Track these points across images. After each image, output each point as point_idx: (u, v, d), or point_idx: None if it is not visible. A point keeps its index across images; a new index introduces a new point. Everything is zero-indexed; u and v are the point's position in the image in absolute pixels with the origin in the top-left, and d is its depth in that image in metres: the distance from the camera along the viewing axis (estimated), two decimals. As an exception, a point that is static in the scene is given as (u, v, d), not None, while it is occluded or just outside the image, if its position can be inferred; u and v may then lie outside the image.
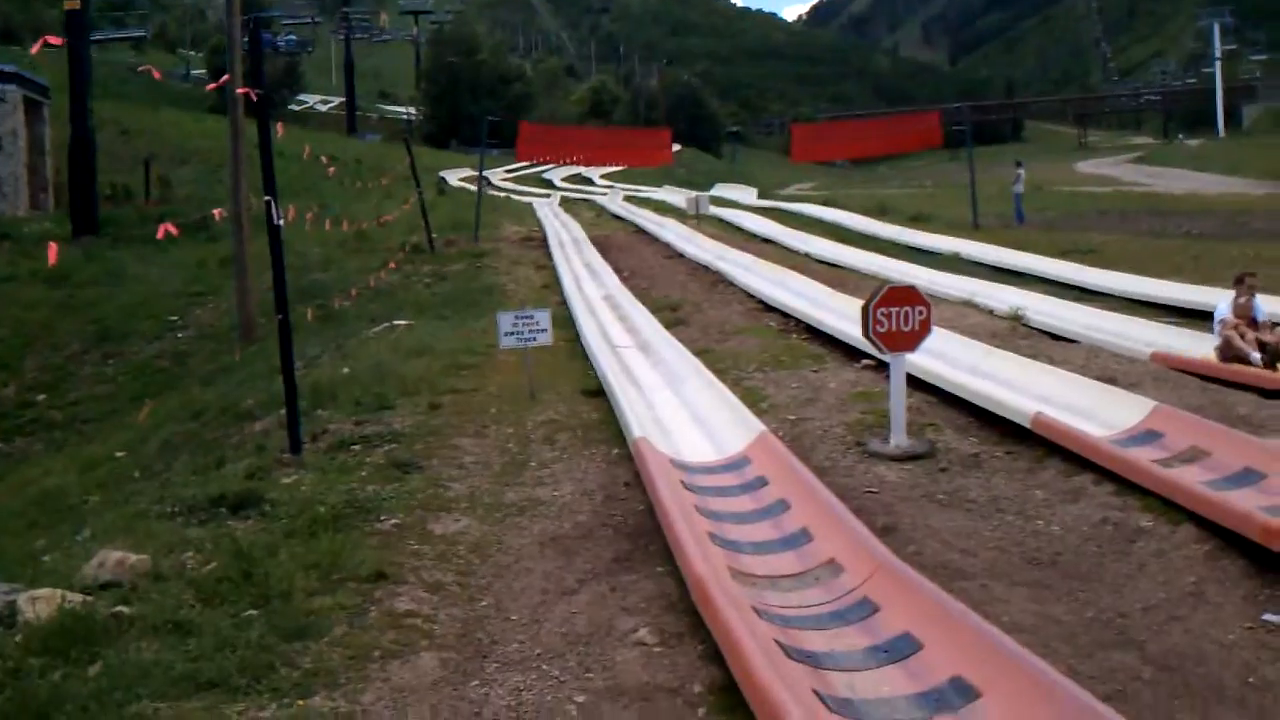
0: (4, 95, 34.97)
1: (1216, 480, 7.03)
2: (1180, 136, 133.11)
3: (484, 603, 6.06)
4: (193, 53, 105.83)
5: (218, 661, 5.12)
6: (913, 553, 6.35)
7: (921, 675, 4.54)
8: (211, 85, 10.63)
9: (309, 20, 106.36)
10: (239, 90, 9.57)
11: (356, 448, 9.30)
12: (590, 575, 6.39)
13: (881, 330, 8.40)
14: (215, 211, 13.10)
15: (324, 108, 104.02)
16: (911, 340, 8.51)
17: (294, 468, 8.79)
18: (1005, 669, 4.32)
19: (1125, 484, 7.21)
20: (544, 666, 5.25)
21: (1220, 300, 12.35)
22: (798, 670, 4.65)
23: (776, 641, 4.88)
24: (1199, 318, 14.27)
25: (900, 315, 8.41)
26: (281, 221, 9.24)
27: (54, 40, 7.62)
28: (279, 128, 12.46)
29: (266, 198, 9.14)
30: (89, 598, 5.99)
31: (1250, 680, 4.79)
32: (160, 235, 8.38)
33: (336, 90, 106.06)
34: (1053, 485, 7.57)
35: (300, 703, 4.83)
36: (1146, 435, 8.23)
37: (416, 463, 8.69)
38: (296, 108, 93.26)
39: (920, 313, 8.46)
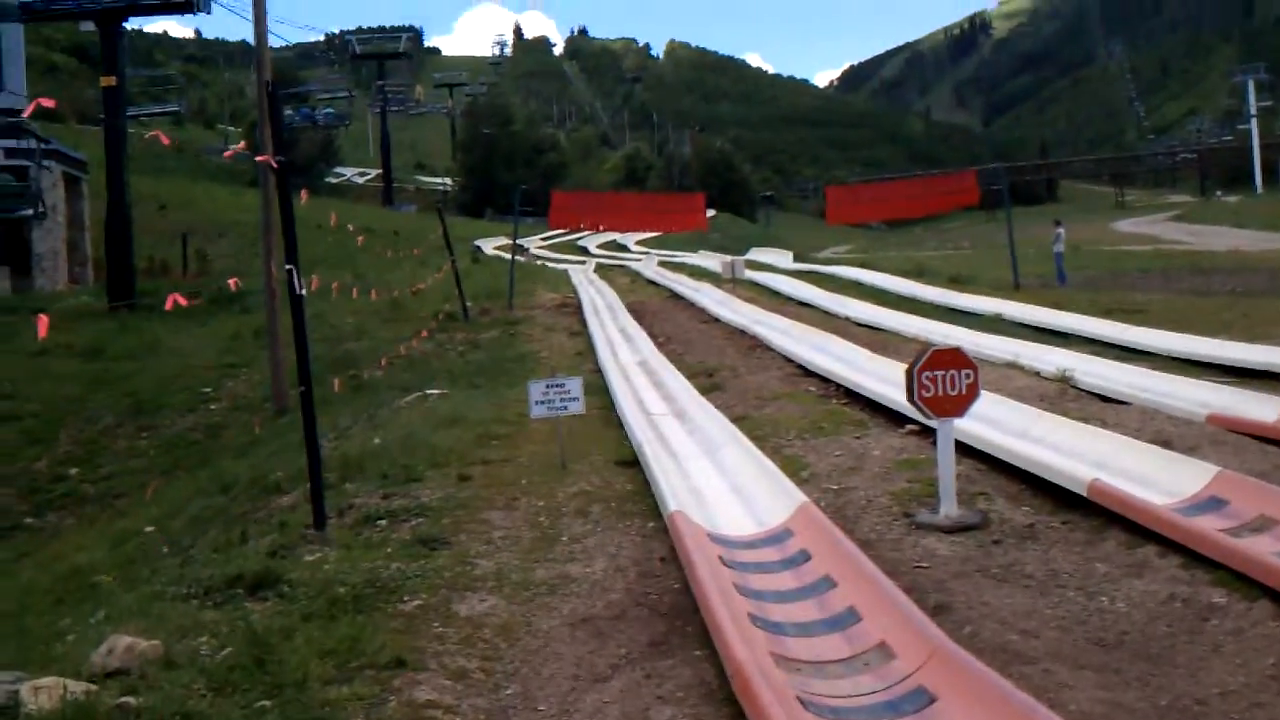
0: (45, 170, 35.35)
1: (1293, 552, 6.57)
2: (1218, 194, 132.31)
3: (509, 691, 5.68)
4: (231, 128, 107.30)
5: (229, 758, 4.78)
6: (969, 634, 5.93)
7: (988, 779, 4.13)
8: (228, 153, 10.48)
9: (345, 94, 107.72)
10: (259, 158, 9.39)
11: (383, 523, 8.98)
12: (624, 660, 6.00)
13: (927, 395, 8.01)
14: (231, 281, 12.89)
15: (361, 180, 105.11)
16: (959, 405, 8.12)
17: (318, 544, 8.47)
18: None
19: (1192, 556, 6.76)
20: (574, 764, 4.87)
21: None
22: (850, 772, 4.25)
23: (826, 740, 4.48)
24: (1252, 377, 13.82)
25: (946, 379, 8.03)
26: (304, 291, 9.02)
27: (46, 102, 7.40)
28: (303, 195, 12.31)
29: (289, 266, 8.92)
30: (94, 687, 5.66)
31: (1352, 780, 4.34)
32: (169, 306, 8.17)
33: (373, 163, 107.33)
34: (1115, 558, 7.12)
35: (310, 806, 4.46)
36: (1211, 503, 7.78)
37: (443, 538, 8.35)
38: (334, 180, 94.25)
39: (967, 376, 8.08)
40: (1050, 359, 15.50)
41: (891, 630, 5.58)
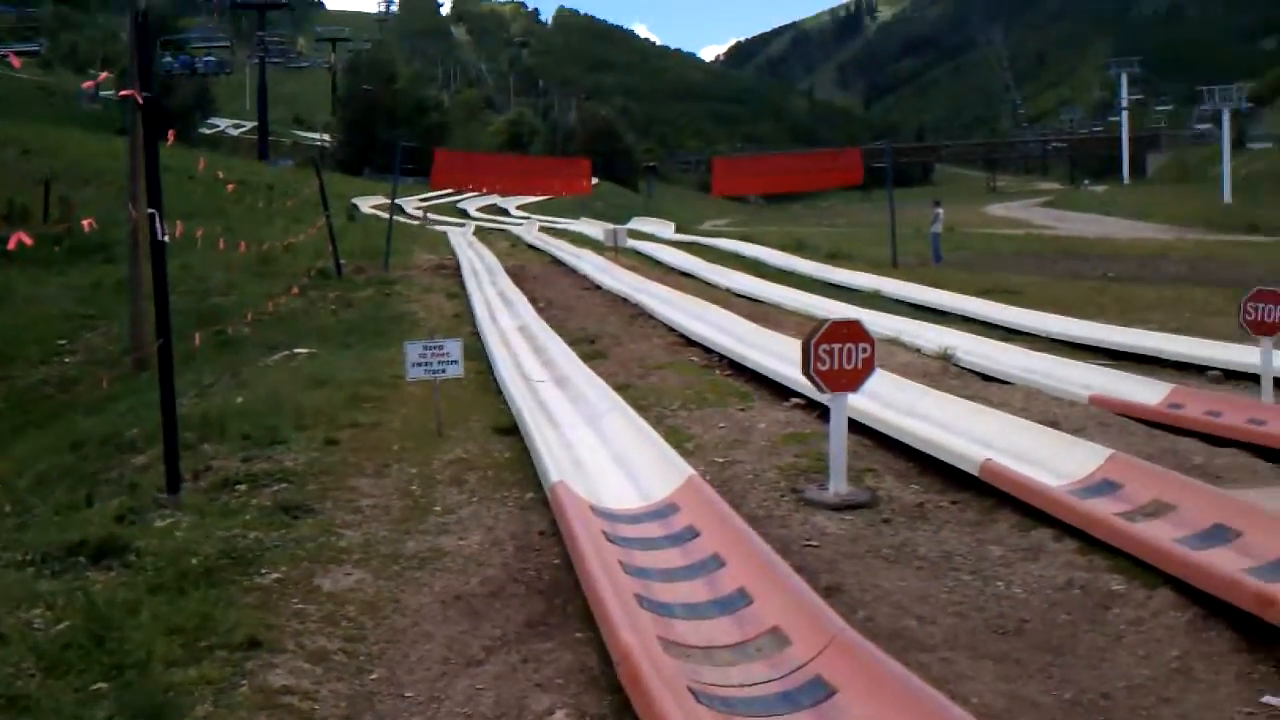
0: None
1: (1188, 538, 6.43)
2: (1086, 182, 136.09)
3: (374, 675, 5.24)
4: (104, 74, 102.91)
5: (53, 750, 4.27)
6: (864, 619, 5.65)
7: (897, 782, 3.83)
8: (88, 84, 9.77)
9: (224, 43, 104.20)
10: (123, 93, 8.71)
11: (242, 487, 8.41)
12: (499, 642, 5.59)
13: (823, 368, 7.72)
14: (85, 222, 12.07)
15: (236, 132, 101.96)
16: (854, 379, 7.85)
17: (170, 509, 7.88)
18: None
19: (1088, 540, 6.60)
20: (443, 758, 4.46)
21: None
22: (747, 774, 3.91)
23: (721, 736, 4.13)
24: (1130, 360, 13.93)
25: (843, 353, 7.75)
26: (166, 238, 8.37)
27: None
28: (170, 136, 11.59)
29: (150, 211, 8.27)
30: (-93, 666, 5.08)
31: (1269, 783, 4.14)
32: (12, 245, 7.48)
33: (250, 115, 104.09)
34: (1009, 540, 6.93)
35: (145, 806, 3.98)
36: (1104, 485, 7.65)
37: (307, 506, 7.83)
38: (208, 130, 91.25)
39: (864, 350, 7.82)
40: (931, 336, 15.47)
41: (785, 614, 5.27)
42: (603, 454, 9.24)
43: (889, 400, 10.54)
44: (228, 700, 4.81)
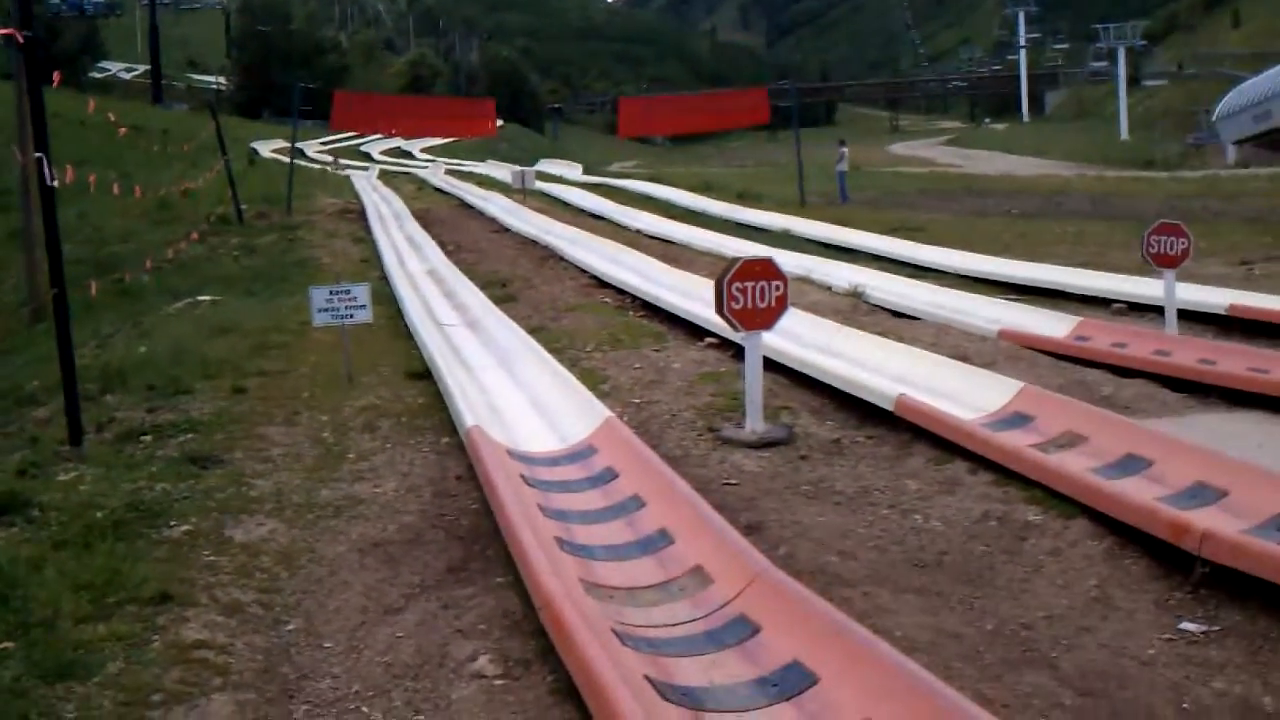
0: None
1: (1100, 468, 6.53)
2: (986, 121, 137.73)
3: (291, 627, 5.13)
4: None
5: (-44, 714, 4.11)
6: (784, 555, 5.65)
7: (823, 718, 3.82)
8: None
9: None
10: (1, 31, 8.34)
11: (147, 438, 8.18)
12: (418, 589, 5.51)
13: (736, 307, 7.69)
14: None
15: (128, 76, 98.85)
16: (768, 317, 7.83)
17: (73, 462, 7.63)
18: (921, 709, 3.63)
19: (1003, 472, 6.67)
20: (364, 709, 4.37)
21: None
22: (674, 716, 3.88)
23: (647, 678, 4.10)
24: (1036, 294, 14.12)
25: (756, 291, 7.72)
26: (55, 183, 8.06)
27: None
28: (55, 78, 11.16)
29: (38, 155, 7.95)
30: None
31: (1185, 706, 4.21)
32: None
33: (142, 59, 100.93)
34: (924, 474, 6.99)
35: (56, 768, 3.85)
36: (1016, 418, 7.75)
37: (216, 456, 7.64)
38: (99, 75, 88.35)
39: (777, 288, 7.80)
40: (841, 274, 15.55)
41: (707, 553, 5.25)
42: (518, 397, 9.15)
43: (803, 338, 10.58)
44: (139, 656, 4.67)
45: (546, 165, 50.72)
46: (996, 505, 6.27)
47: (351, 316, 9.93)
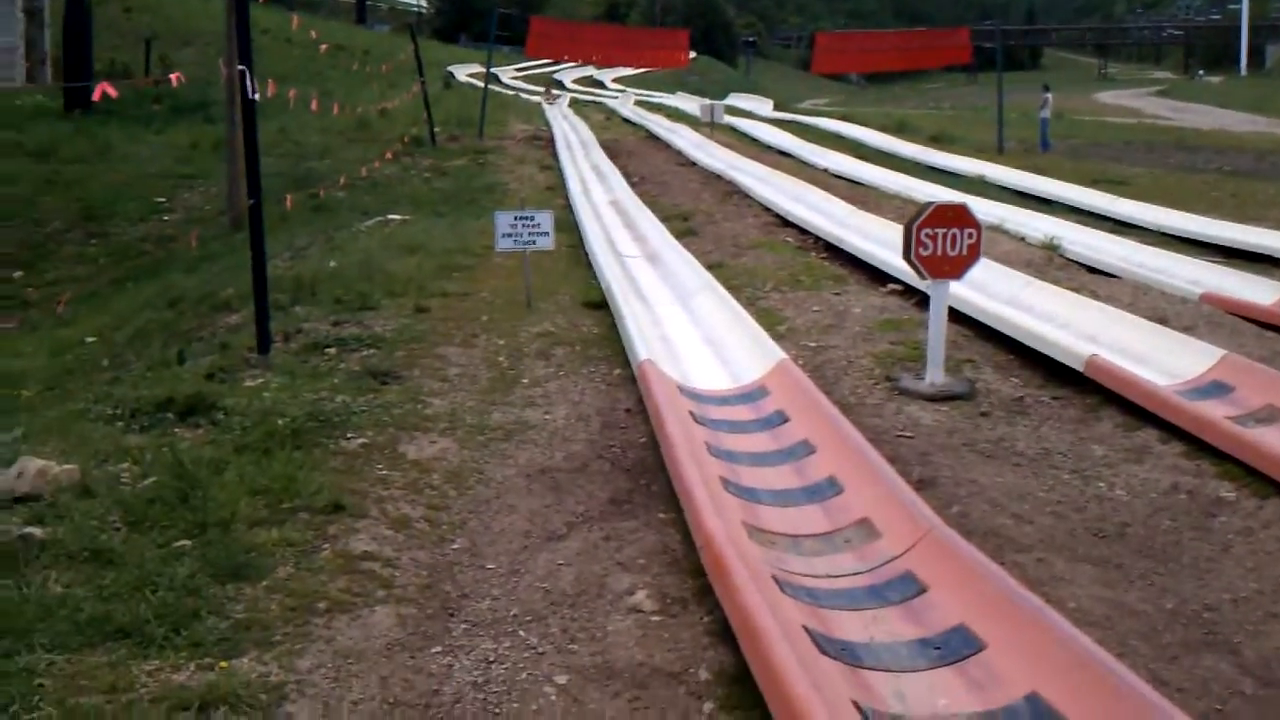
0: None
1: (1304, 446, 6.12)
2: (1200, 73, 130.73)
3: (456, 545, 5.20)
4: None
5: (134, 604, 4.29)
6: (957, 514, 5.47)
7: (988, 688, 3.67)
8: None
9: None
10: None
11: (331, 350, 8.40)
12: (582, 518, 5.52)
13: (925, 253, 7.43)
14: (173, 76, 11.99)
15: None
16: (958, 266, 7.55)
17: (260, 369, 7.89)
18: (1092, 686, 3.45)
19: (1196, 443, 6.32)
20: (520, 633, 4.39)
21: None
22: (831, 669, 3.78)
23: (805, 628, 4.00)
24: (1244, 258, 13.35)
25: (947, 238, 7.44)
26: (257, 96, 8.26)
27: None
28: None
29: (240, 68, 8.15)
30: (-1, 513, 5.14)
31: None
32: (97, 96, 7.41)
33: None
34: (1112, 440, 6.66)
35: (223, 664, 3.97)
36: (1214, 387, 7.32)
37: (395, 372, 7.80)
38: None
39: (969, 236, 7.50)
40: (1037, 225, 14.96)
41: (876, 506, 5.11)
42: (693, 333, 9.08)
43: (991, 289, 10.20)
44: (308, 564, 4.79)
45: (736, 100, 50.11)
46: (1187, 478, 5.94)
47: (534, 243, 9.99)
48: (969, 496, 5.77)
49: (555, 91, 43.08)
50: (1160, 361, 7.91)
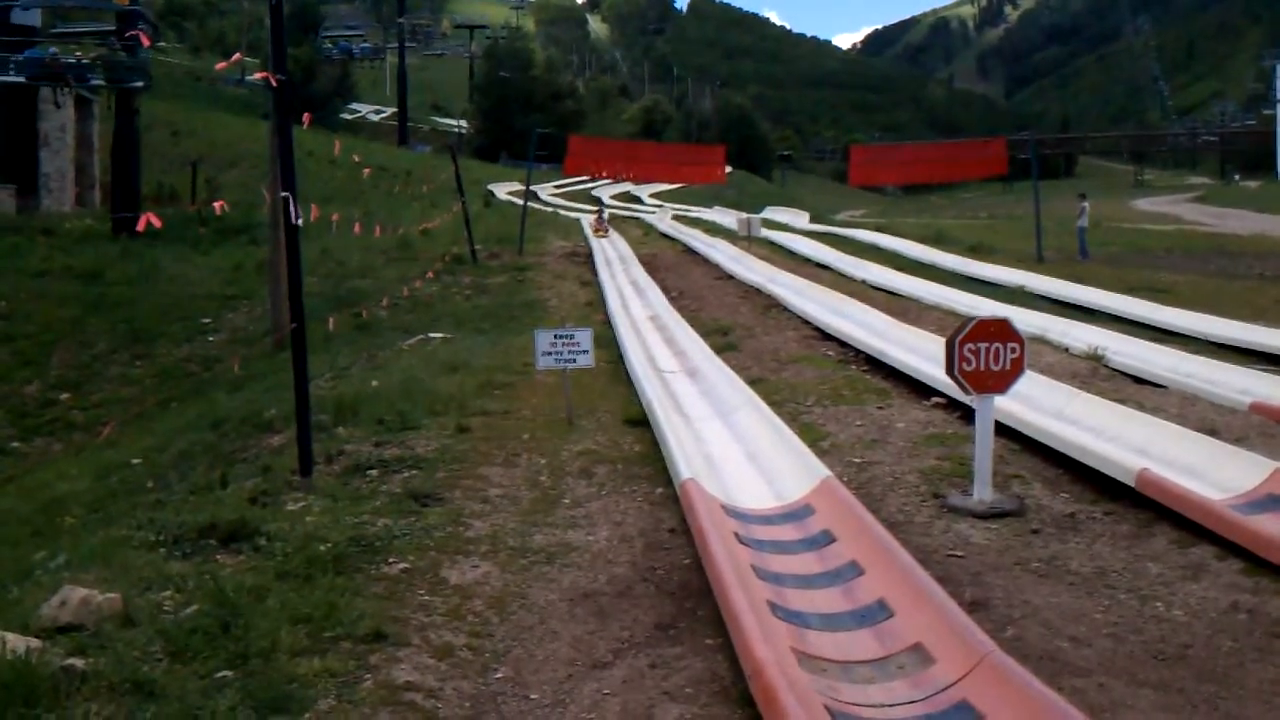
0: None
1: (1367, 564, 5.95)
2: (1236, 177, 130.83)
3: (499, 675, 5.10)
4: (248, 58, 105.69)
5: (176, 738, 4.21)
6: (1012, 638, 5.32)
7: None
8: (221, 65, 9.93)
9: (358, 29, 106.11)
10: (258, 75, 8.76)
11: (373, 473, 8.40)
12: (627, 645, 5.41)
13: (968, 369, 7.37)
14: (216, 204, 12.25)
15: (376, 118, 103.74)
16: (1002, 381, 7.48)
17: (302, 492, 7.89)
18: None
19: (1253, 560, 6.16)
20: (568, 768, 4.28)
21: None
22: (890, 807, 3.66)
23: (861, 764, 3.88)
24: (1291, 365, 13.17)
25: (990, 352, 7.39)
26: (300, 221, 8.38)
27: None
28: (305, 119, 11.66)
29: (284, 194, 8.28)
30: (40, 643, 5.09)
31: None
32: (141, 227, 7.55)
33: (389, 101, 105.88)
34: (1167, 557, 6.51)
35: (265, 804, 3.89)
36: (1271, 501, 7.15)
37: (436, 494, 7.77)
38: (349, 115, 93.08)
39: (1013, 350, 7.44)
40: (1079, 335, 14.85)
41: (928, 630, 4.98)
42: (735, 450, 9.02)
43: (1036, 402, 10.09)
44: (351, 695, 4.71)
45: (773, 212, 50.55)
46: (1246, 596, 5.77)
47: (574, 361, 10.03)
48: (1023, 618, 5.63)
49: (606, 218, 36.33)
50: (1213, 474, 7.76)
